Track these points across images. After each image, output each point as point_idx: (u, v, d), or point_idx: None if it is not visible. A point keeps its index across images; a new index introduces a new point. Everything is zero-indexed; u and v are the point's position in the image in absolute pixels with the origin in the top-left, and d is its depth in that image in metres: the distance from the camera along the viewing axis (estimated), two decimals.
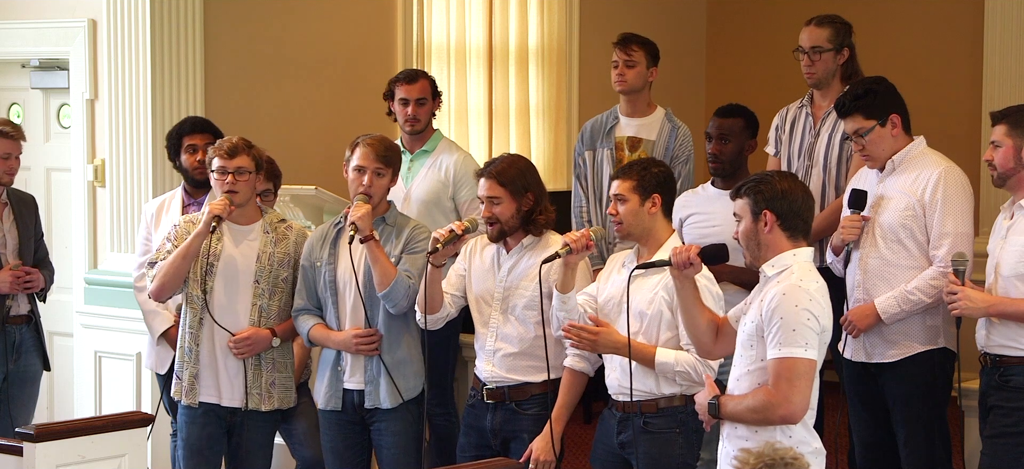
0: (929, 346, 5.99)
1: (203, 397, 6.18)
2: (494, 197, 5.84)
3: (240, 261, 6.18)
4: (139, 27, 7.63)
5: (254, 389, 6.15)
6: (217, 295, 6.15)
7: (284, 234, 6.25)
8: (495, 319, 5.92)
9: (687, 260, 4.91)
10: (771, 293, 4.69)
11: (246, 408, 6.14)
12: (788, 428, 4.70)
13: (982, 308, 5.71)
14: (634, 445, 5.50)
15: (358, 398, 6.12)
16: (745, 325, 4.78)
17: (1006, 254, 5.71)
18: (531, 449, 5.78)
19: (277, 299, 6.20)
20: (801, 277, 4.70)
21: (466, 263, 6.04)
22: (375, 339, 6.05)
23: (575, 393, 5.83)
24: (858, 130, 6.00)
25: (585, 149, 7.20)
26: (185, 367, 6.19)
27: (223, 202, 6.12)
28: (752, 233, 4.81)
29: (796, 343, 4.62)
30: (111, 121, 7.75)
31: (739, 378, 4.79)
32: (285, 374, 6.26)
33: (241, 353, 6.13)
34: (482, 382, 5.96)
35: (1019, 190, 5.76)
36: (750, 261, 4.87)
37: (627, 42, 7.12)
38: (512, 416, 5.90)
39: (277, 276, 6.19)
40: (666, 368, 5.43)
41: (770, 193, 4.78)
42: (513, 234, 5.90)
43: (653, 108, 7.16)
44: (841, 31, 6.76)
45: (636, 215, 5.56)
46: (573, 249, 5.54)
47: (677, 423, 5.48)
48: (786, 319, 4.62)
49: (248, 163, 6.16)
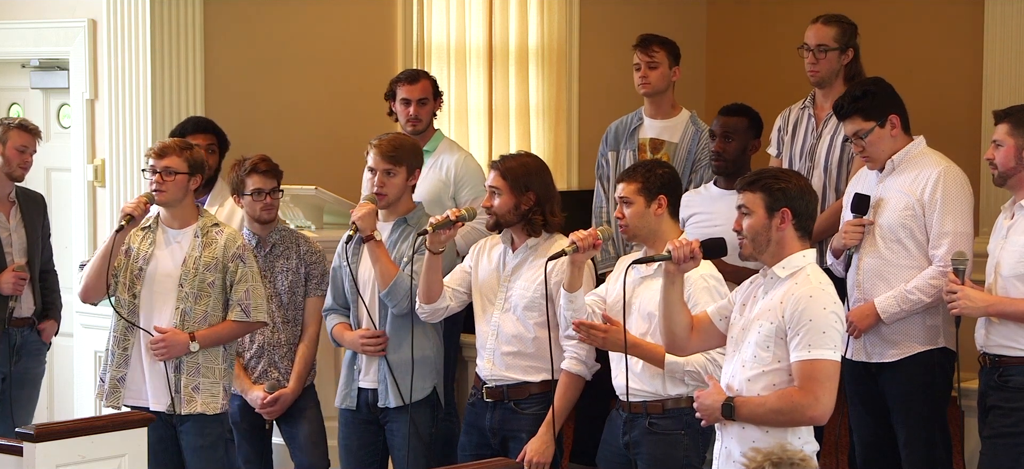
0: (929, 346, 5.99)
1: (128, 400, 6.10)
2: (495, 188, 5.88)
3: (167, 264, 6.09)
4: (139, 27, 7.63)
5: (177, 393, 6.06)
6: (143, 298, 6.08)
7: (213, 238, 6.12)
8: (496, 316, 5.93)
9: (689, 253, 4.90)
10: (793, 295, 4.67)
11: (174, 412, 6.05)
12: (798, 428, 4.70)
13: (981, 308, 5.70)
14: (638, 446, 5.50)
15: (372, 397, 6.16)
16: (760, 326, 4.75)
17: (1006, 254, 5.71)
18: (526, 450, 5.80)
19: (202, 303, 6.08)
20: (820, 279, 4.72)
21: (473, 260, 6.07)
22: (380, 341, 6.06)
23: (572, 396, 5.84)
24: (857, 131, 5.99)
25: (608, 150, 7.20)
26: (108, 370, 6.12)
27: (136, 201, 6.06)
28: (764, 228, 4.79)
29: (825, 345, 4.63)
30: (111, 121, 7.75)
31: (752, 379, 4.76)
32: (211, 379, 6.11)
33: (158, 354, 6.03)
34: (482, 380, 5.97)
35: (1020, 190, 5.75)
36: (750, 254, 4.84)
37: (648, 43, 7.08)
38: (511, 415, 5.91)
39: (203, 280, 6.07)
40: (676, 368, 5.43)
41: (791, 192, 4.77)
42: (512, 229, 5.92)
43: (678, 110, 7.15)
44: (847, 31, 6.76)
45: (642, 217, 5.56)
46: (580, 248, 5.54)
47: (683, 424, 5.47)
48: (816, 321, 4.63)
49: (178, 164, 6.05)
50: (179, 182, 6.07)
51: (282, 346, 6.62)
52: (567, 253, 5.54)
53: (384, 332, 6.08)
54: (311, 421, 6.67)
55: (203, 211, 6.25)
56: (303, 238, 6.74)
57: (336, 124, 8.35)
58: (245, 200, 6.57)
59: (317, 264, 6.67)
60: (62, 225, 8.18)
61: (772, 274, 4.79)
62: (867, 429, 6.19)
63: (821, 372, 4.63)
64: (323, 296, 6.68)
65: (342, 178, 7.86)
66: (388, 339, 6.08)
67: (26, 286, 7.04)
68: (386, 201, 6.14)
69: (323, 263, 6.70)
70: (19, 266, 6.97)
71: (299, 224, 7.38)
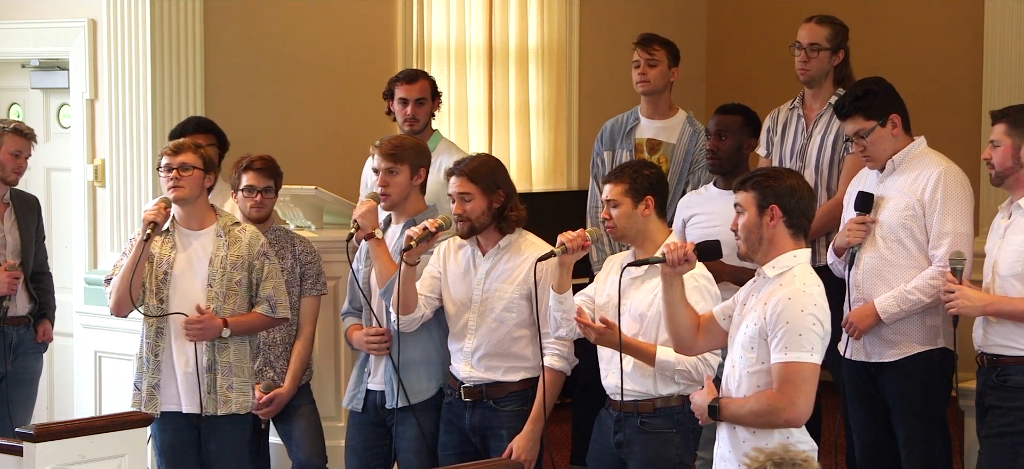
0: (928, 346, 5.99)
1: (164, 406, 6.08)
2: (465, 193, 5.85)
3: (193, 266, 6.09)
4: (139, 27, 7.63)
5: (211, 394, 6.07)
6: (172, 303, 6.05)
7: (237, 237, 6.13)
8: (472, 321, 5.92)
9: (682, 256, 4.90)
10: (775, 297, 4.67)
11: (202, 413, 6.05)
12: (787, 430, 4.70)
13: (979, 307, 5.70)
14: (630, 445, 5.50)
15: (380, 399, 6.16)
16: (746, 327, 4.76)
17: (1004, 253, 5.71)
18: (511, 447, 5.80)
19: (231, 302, 6.08)
20: (804, 281, 4.70)
21: (440, 265, 6.04)
22: (384, 339, 6.06)
23: (554, 392, 5.85)
24: (859, 131, 5.99)
25: (604, 149, 7.19)
26: (143, 378, 6.11)
27: (156, 207, 6.04)
28: (755, 226, 4.79)
29: (802, 348, 4.62)
30: (111, 121, 7.76)
31: (739, 380, 4.78)
32: (242, 378, 6.14)
33: (192, 336, 6.00)
34: (459, 381, 5.97)
35: (1017, 189, 5.76)
36: (745, 253, 4.85)
37: (649, 42, 7.09)
38: (490, 413, 5.91)
39: (230, 279, 6.08)
40: (667, 367, 5.43)
41: (779, 188, 4.77)
42: (484, 232, 5.90)
43: (675, 110, 7.15)
44: (840, 32, 6.80)
45: (630, 218, 5.56)
46: (568, 249, 5.54)
47: (674, 423, 5.48)
48: (792, 324, 4.61)
49: (194, 160, 6.05)
50: (196, 178, 6.06)
51: (277, 346, 6.62)
52: (557, 255, 5.55)
53: (388, 329, 6.08)
54: (308, 418, 6.67)
55: (220, 211, 6.25)
56: (299, 238, 6.74)
57: (336, 124, 8.35)
58: (238, 196, 6.58)
59: (312, 264, 6.67)
60: (62, 225, 8.19)
61: (762, 273, 4.81)
62: (867, 429, 6.19)
63: (797, 375, 4.62)
64: (318, 296, 6.68)
65: (342, 178, 7.86)
66: (392, 337, 6.07)
67: (21, 286, 7.04)
68: (390, 201, 6.12)
69: (318, 263, 6.70)
70: (11, 266, 6.96)
71: (299, 224, 7.38)
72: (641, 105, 7.18)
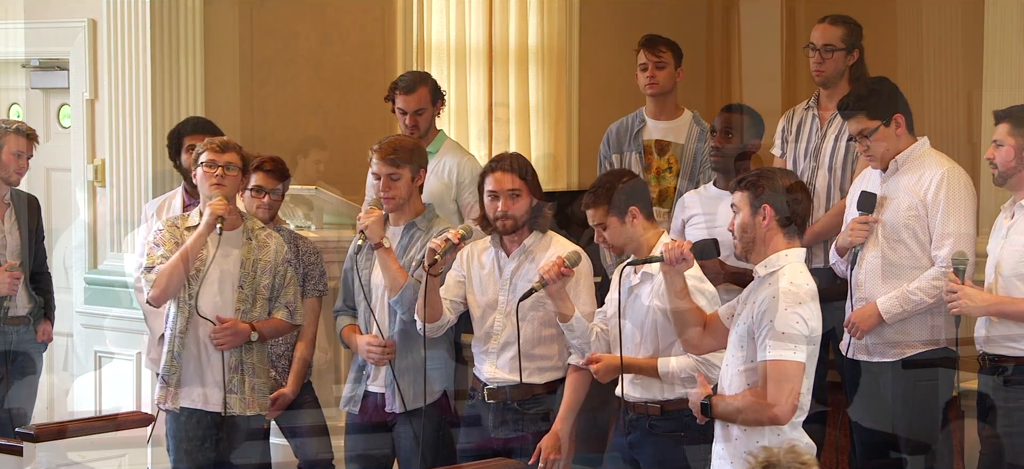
0: (930, 346, 5.99)
1: (184, 402, 6.08)
2: (515, 189, 5.81)
3: (226, 266, 6.08)
4: (139, 27, 7.63)
5: (236, 394, 6.08)
6: (203, 299, 6.04)
7: (265, 241, 6.14)
8: (498, 323, 5.91)
9: (680, 256, 4.94)
10: (762, 295, 4.70)
11: (225, 413, 6.06)
12: (777, 428, 4.72)
13: (982, 307, 5.70)
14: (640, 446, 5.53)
15: (381, 401, 6.14)
16: (738, 326, 4.79)
17: (1006, 254, 5.71)
18: (540, 448, 5.78)
19: (259, 306, 6.10)
20: (792, 279, 4.72)
21: (464, 269, 6.01)
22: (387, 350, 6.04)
23: (580, 392, 5.83)
24: (862, 130, 5.99)
25: (611, 152, 7.17)
26: (173, 372, 6.10)
27: (222, 202, 6.01)
28: (749, 226, 4.82)
29: (784, 346, 4.64)
30: (111, 121, 7.75)
31: (731, 378, 4.83)
32: (263, 379, 6.17)
33: (221, 343, 6.01)
34: (482, 382, 5.95)
35: (1020, 189, 5.75)
36: (741, 253, 4.89)
37: (655, 43, 7.07)
38: (514, 416, 5.89)
39: (259, 283, 6.10)
40: (670, 377, 5.46)
41: (771, 188, 4.79)
42: (516, 233, 5.87)
43: (681, 111, 7.14)
44: (854, 32, 6.75)
45: (620, 232, 5.56)
46: (548, 282, 5.53)
47: (683, 426, 5.47)
48: (776, 322, 4.65)
49: (237, 160, 6.06)
50: (237, 178, 6.07)
51: (279, 346, 6.62)
52: (537, 290, 5.54)
53: (392, 341, 6.06)
54: (312, 415, 6.67)
55: (245, 213, 6.24)
56: (300, 238, 6.73)
57: (336, 124, 8.35)
58: (245, 196, 6.57)
59: (315, 265, 6.66)
60: (62, 225, 8.18)
61: (756, 273, 4.83)
62: (867, 429, 6.19)
63: (779, 373, 4.65)
64: (320, 297, 6.67)
65: (342, 178, 7.86)
66: (396, 348, 6.05)
67: (21, 286, 7.04)
68: (394, 204, 6.08)
69: (321, 264, 6.69)
70: (11, 266, 6.96)
71: (299, 224, 7.38)
72: (646, 106, 7.16)
